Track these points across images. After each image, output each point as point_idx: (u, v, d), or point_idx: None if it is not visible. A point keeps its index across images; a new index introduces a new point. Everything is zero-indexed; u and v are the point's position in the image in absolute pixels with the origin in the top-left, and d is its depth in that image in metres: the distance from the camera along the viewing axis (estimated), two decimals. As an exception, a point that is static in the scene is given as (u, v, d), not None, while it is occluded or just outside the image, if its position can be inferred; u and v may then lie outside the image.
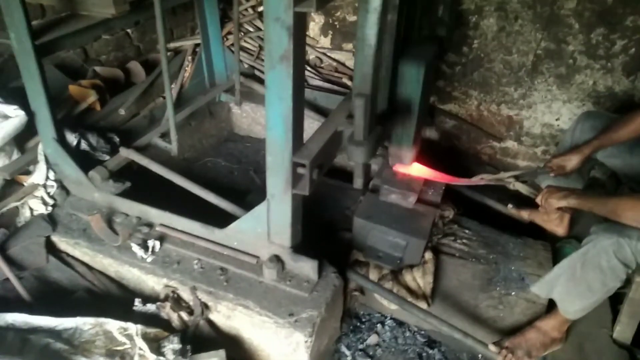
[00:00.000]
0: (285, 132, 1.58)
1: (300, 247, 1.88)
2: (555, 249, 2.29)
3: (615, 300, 2.03)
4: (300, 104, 1.59)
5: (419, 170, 2.15)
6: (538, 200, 1.96)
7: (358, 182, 1.77)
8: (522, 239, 2.29)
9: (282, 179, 1.68)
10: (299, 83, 1.54)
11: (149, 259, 1.96)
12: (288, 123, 1.56)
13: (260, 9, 3.21)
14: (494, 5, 2.68)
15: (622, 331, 1.92)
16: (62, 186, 2.22)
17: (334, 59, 3.22)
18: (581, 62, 2.65)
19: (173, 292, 1.89)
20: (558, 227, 2.22)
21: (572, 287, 1.74)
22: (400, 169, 2.15)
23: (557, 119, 2.87)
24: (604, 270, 1.65)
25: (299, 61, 1.49)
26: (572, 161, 2.07)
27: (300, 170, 1.65)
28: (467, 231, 2.33)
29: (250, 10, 3.23)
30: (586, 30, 2.55)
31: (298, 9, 1.37)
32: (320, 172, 1.72)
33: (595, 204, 1.75)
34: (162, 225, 2.07)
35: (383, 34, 1.56)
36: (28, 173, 2.18)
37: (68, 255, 2.07)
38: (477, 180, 2.30)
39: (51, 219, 2.12)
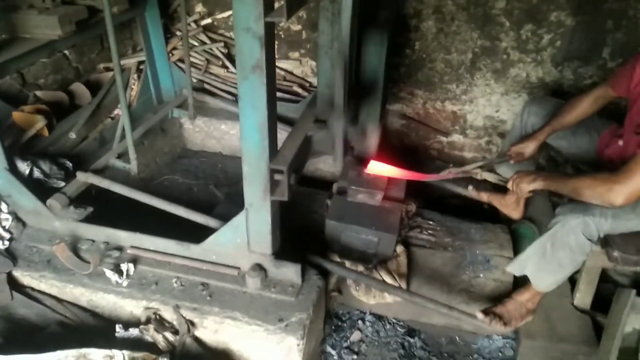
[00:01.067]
0: (261, 141, 1.60)
1: (281, 253, 1.90)
2: (512, 230, 2.46)
3: (572, 271, 2.21)
4: (273, 112, 1.61)
5: (388, 171, 2.23)
6: (509, 185, 2.07)
7: (338, 155, 1.80)
8: (482, 225, 2.44)
9: (260, 187, 1.69)
10: (272, 91, 1.57)
11: (125, 283, 1.90)
12: (264, 131, 1.58)
13: (204, 22, 3.20)
14: (431, 9, 2.84)
15: (582, 298, 2.10)
16: (17, 218, 2.10)
17: (282, 68, 3.27)
18: (514, 57, 2.87)
19: (155, 313, 1.84)
20: (514, 210, 2.39)
21: (543, 264, 1.88)
22: (370, 170, 2.21)
23: (496, 111, 3.08)
24: (572, 248, 1.80)
25: (271, 70, 1.52)
26: (529, 147, 2.26)
27: (277, 176, 1.68)
28: (430, 222, 2.44)
29: (194, 25, 3.20)
30: (516, 27, 2.77)
31: (269, 19, 1.40)
32: (296, 177, 1.76)
33: (559, 185, 1.89)
34: (133, 247, 2.01)
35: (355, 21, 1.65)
36: (-22, 208, 2.05)
37: (33, 289, 1.95)
38: (446, 174, 2.41)
39: (10, 254, 2.00)
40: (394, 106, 3.23)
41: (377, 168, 2.20)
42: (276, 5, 1.46)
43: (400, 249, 2.22)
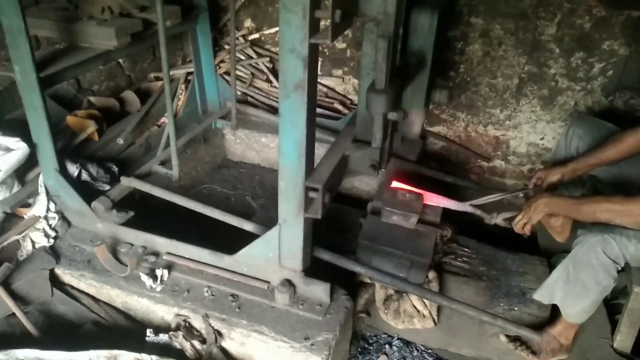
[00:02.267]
0: (299, 158, 1.62)
1: (310, 270, 1.91)
2: (551, 263, 2.37)
3: (613, 311, 2.11)
4: (312, 131, 1.64)
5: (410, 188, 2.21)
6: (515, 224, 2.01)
7: (377, 139, 1.75)
8: (519, 255, 2.37)
9: (294, 204, 1.71)
10: (312, 110, 1.59)
11: (158, 289, 1.95)
12: (301, 149, 1.60)
13: (252, 37, 3.28)
14: (478, 32, 2.82)
15: (622, 340, 2.00)
16: (63, 217, 2.19)
17: (325, 85, 3.30)
18: (562, 84, 2.80)
19: (185, 320, 1.88)
20: (559, 233, 2.31)
21: (569, 289, 1.82)
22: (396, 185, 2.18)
23: (541, 138, 3.00)
24: (595, 268, 1.73)
25: (312, 90, 1.54)
26: (553, 177, 2.17)
27: (312, 194, 1.69)
28: (466, 249, 2.39)
29: (242, 39, 3.29)
30: (566, 54, 2.71)
31: (313, 40, 1.42)
32: (330, 196, 1.77)
33: (571, 208, 1.83)
34: (168, 253, 2.06)
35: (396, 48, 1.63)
36: (28, 205, 2.16)
37: (73, 287, 2.04)
38: (465, 206, 2.30)
39: (54, 251, 2.09)
40: (435, 127, 3.20)
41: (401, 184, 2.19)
42: (322, 26, 1.48)
43: (432, 275, 2.18)
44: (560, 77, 2.78)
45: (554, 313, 2.03)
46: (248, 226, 2.04)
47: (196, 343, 1.82)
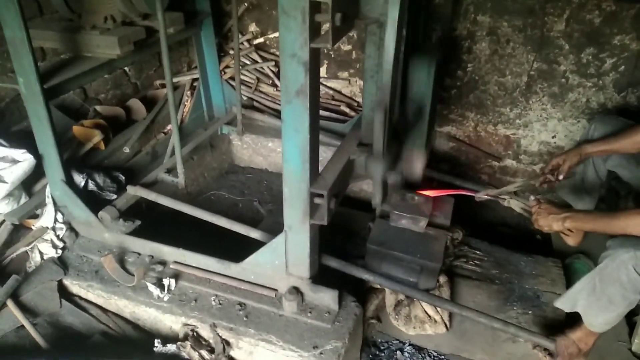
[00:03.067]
0: (302, 164, 1.60)
1: (318, 277, 1.88)
2: (565, 265, 2.32)
3: (631, 313, 2.05)
4: (316, 136, 1.61)
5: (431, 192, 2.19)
6: (533, 210, 1.95)
7: (377, 198, 1.79)
8: (533, 257, 2.32)
9: (299, 210, 1.68)
10: (315, 116, 1.56)
11: (166, 298, 1.94)
12: (305, 155, 1.58)
13: (257, 41, 3.27)
14: (486, 30, 2.77)
15: (641, 344, 1.94)
16: (71, 228, 2.19)
17: (331, 88, 3.28)
18: (573, 81, 2.74)
19: (192, 330, 1.86)
20: (572, 237, 2.25)
21: (593, 301, 1.76)
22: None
23: (553, 137, 2.94)
24: (624, 284, 1.67)
25: (314, 94, 1.52)
26: (571, 160, 2.15)
27: (317, 200, 1.66)
28: (477, 252, 2.35)
29: (246, 44, 3.28)
30: (576, 50, 2.65)
31: (314, 45, 1.40)
32: (336, 202, 1.74)
33: (598, 224, 1.78)
34: (175, 262, 2.05)
35: (399, 51, 1.64)
36: (36, 217, 2.16)
37: (81, 298, 2.03)
38: (482, 194, 2.26)
39: (62, 262, 2.09)
40: (444, 128, 3.15)
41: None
42: (323, 30, 1.46)
43: (443, 279, 2.14)
44: (570, 74, 2.72)
45: (570, 318, 1.97)
46: (255, 234, 2.02)
47: (204, 353, 1.81)
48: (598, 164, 2.31)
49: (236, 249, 2.04)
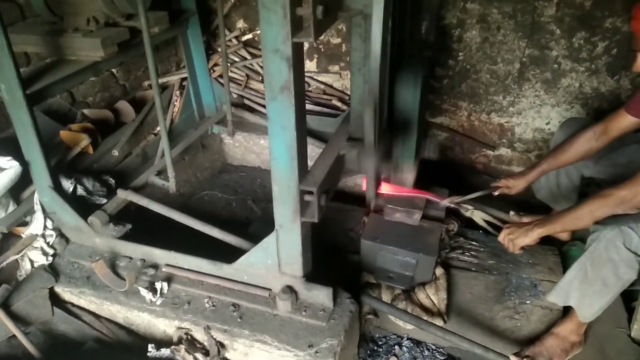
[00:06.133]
0: (290, 161, 1.57)
1: (312, 275, 1.85)
2: (562, 252, 2.29)
3: (629, 299, 2.03)
4: (303, 132, 1.58)
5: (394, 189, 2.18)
6: (501, 239, 1.94)
7: (370, 192, 1.77)
8: (529, 246, 2.29)
9: (289, 208, 1.66)
10: (301, 111, 1.53)
11: (158, 302, 1.91)
12: (293, 152, 1.55)
13: (245, 38, 3.23)
14: (476, 18, 2.73)
15: (640, 330, 1.92)
16: (61, 234, 2.17)
17: (322, 82, 3.24)
18: (566, 66, 2.70)
19: (186, 333, 1.84)
20: (561, 234, 2.23)
21: (586, 288, 1.74)
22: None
23: (547, 123, 2.91)
24: (616, 263, 1.65)
25: (300, 90, 1.49)
26: (518, 185, 2.22)
27: (307, 197, 1.64)
28: (473, 243, 2.33)
29: (235, 41, 3.24)
30: (568, 35, 2.61)
31: (296, 39, 1.36)
32: (327, 198, 1.71)
33: (566, 221, 1.78)
34: (167, 265, 2.02)
35: (386, 42, 1.61)
36: (25, 224, 2.13)
37: (73, 305, 2.01)
38: (447, 202, 2.23)
39: (53, 269, 2.06)
40: (437, 118, 3.12)
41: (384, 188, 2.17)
42: (306, 23, 1.43)
43: (439, 271, 2.12)
44: (562, 59, 2.69)
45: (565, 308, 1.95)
46: (246, 245, 1.97)
47: (199, 356, 1.79)
48: (569, 170, 2.29)
49: (229, 248, 2.02)
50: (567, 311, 1.96)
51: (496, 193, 2.28)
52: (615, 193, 1.65)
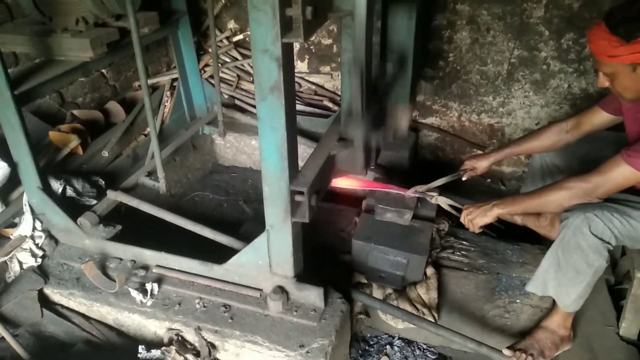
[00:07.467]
0: (281, 162, 1.57)
1: (303, 275, 1.86)
2: (552, 251, 2.31)
3: (618, 296, 2.05)
4: (293, 132, 1.58)
5: (354, 184, 2.17)
6: (462, 220, 1.97)
7: (358, 165, 1.73)
8: (520, 245, 2.31)
9: (280, 209, 1.66)
10: (291, 112, 1.53)
11: (149, 303, 1.90)
12: (283, 152, 1.55)
13: (236, 38, 3.22)
14: (465, 19, 2.75)
15: (628, 327, 1.93)
16: (50, 236, 2.15)
17: (313, 83, 3.24)
18: (554, 67, 2.73)
19: (177, 334, 1.83)
20: (550, 231, 2.25)
21: (561, 276, 1.76)
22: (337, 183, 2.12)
23: (537, 124, 2.93)
24: (584, 249, 1.67)
25: (290, 90, 1.49)
26: (482, 165, 2.25)
27: (298, 198, 1.64)
28: (464, 242, 2.34)
29: (225, 41, 3.23)
30: (556, 36, 2.64)
31: (286, 39, 1.37)
32: (318, 198, 1.72)
33: (528, 204, 1.81)
34: (158, 266, 2.01)
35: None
36: (14, 225, 2.12)
37: (63, 307, 1.99)
38: (412, 192, 2.22)
39: (42, 271, 2.05)
40: (428, 119, 3.14)
41: (344, 182, 2.14)
42: (296, 24, 1.43)
43: (430, 271, 2.13)
44: (551, 60, 2.72)
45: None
46: (237, 244, 1.97)
47: (190, 357, 1.78)
48: (544, 160, 2.30)
49: (220, 249, 2.02)
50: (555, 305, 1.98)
51: (464, 178, 2.26)
52: (579, 186, 1.68)
